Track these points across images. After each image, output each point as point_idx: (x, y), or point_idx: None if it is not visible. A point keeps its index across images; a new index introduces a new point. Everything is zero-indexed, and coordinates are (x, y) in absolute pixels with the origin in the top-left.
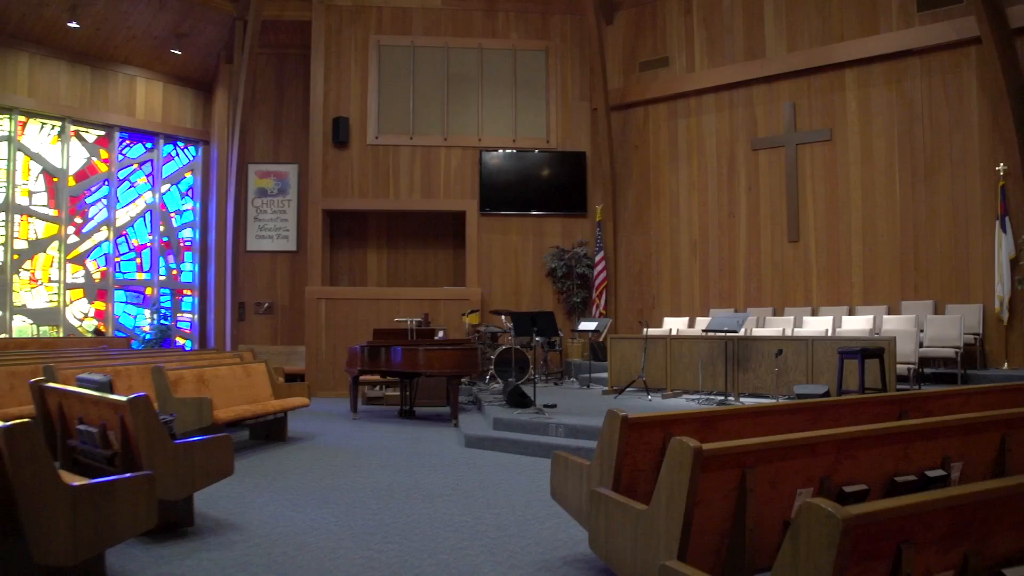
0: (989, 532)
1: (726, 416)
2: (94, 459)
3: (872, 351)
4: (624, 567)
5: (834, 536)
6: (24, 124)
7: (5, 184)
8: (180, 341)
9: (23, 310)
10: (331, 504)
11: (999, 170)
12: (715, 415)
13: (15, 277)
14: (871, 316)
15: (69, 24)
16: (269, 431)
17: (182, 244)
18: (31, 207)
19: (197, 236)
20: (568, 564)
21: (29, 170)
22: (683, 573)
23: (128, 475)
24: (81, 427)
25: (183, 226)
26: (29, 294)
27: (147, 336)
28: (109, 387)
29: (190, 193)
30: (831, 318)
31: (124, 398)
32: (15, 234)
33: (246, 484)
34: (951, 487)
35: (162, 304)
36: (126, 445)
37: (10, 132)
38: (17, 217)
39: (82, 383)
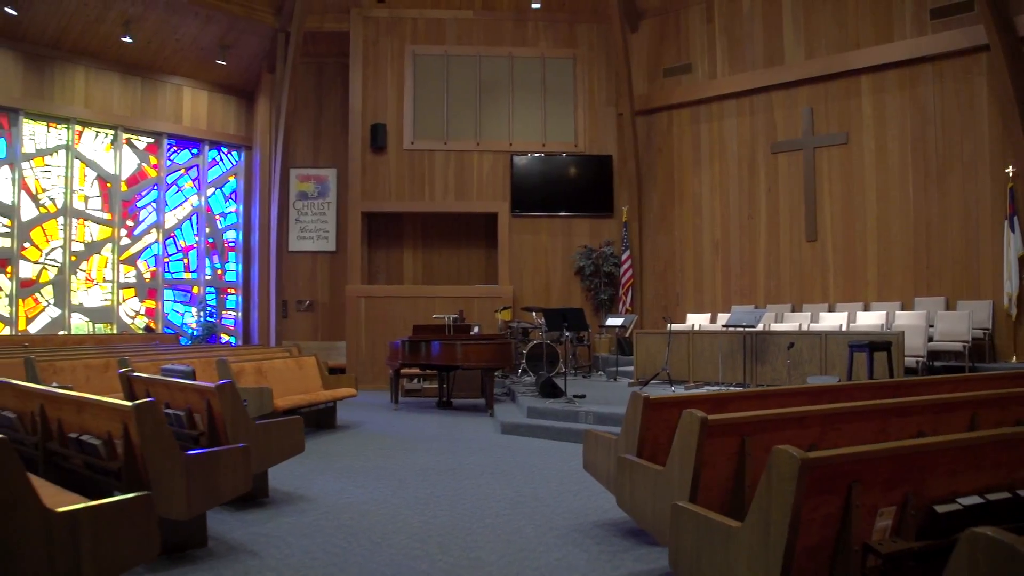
0: (924, 477)
1: (735, 398)
2: (181, 439)
3: (880, 344)
4: (645, 517)
5: (795, 471)
6: (80, 133)
7: (64, 190)
8: (224, 337)
9: (80, 308)
10: (385, 480)
11: (1008, 172)
12: (726, 397)
13: (73, 277)
14: (884, 312)
15: (123, 39)
16: (320, 419)
17: (226, 245)
18: (87, 211)
19: (240, 237)
20: (598, 527)
21: (85, 176)
22: (690, 509)
23: (228, 447)
24: (168, 411)
25: (227, 228)
26: (85, 293)
27: (194, 332)
28: (193, 376)
29: (233, 196)
30: (846, 314)
31: (212, 384)
32: (72, 236)
33: (307, 465)
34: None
35: (208, 302)
36: (212, 426)
37: (68, 141)
38: (74, 221)
39: (167, 372)
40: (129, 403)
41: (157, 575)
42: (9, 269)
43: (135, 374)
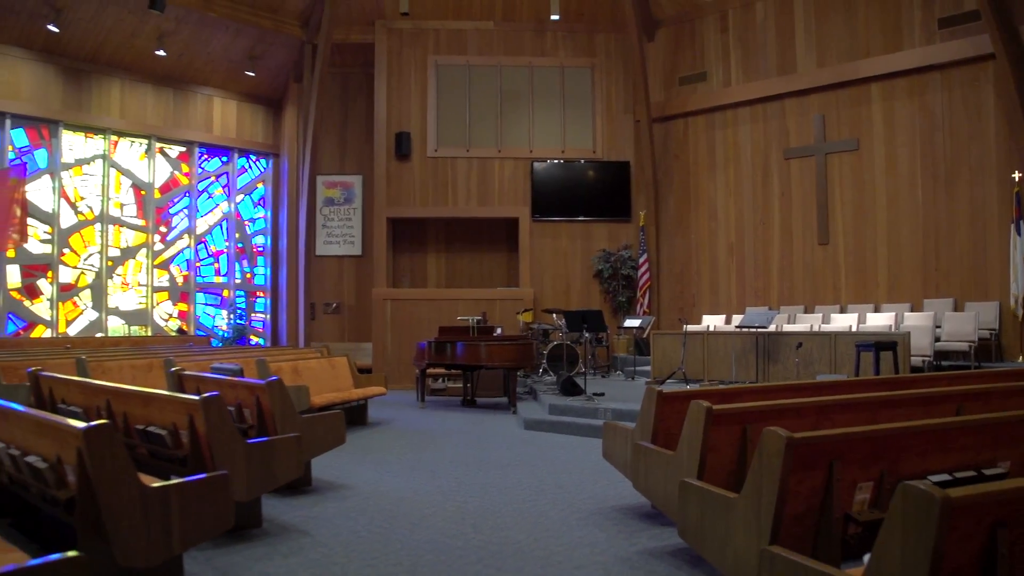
0: (898, 457)
1: (741, 392)
2: None
3: (885, 344)
4: (658, 497)
5: (781, 448)
6: (116, 143)
7: (100, 197)
8: (254, 339)
9: (116, 311)
10: (418, 471)
11: (1014, 177)
12: (733, 391)
13: (109, 281)
14: (893, 313)
15: (156, 52)
16: (352, 416)
17: (255, 249)
18: (122, 218)
19: (269, 242)
20: (617, 511)
21: (120, 184)
22: (695, 484)
23: (283, 436)
24: None
25: (256, 233)
26: (121, 296)
27: (225, 334)
28: (242, 374)
29: (262, 202)
30: (856, 315)
31: (262, 381)
32: (109, 242)
33: (344, 457)
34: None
35: (238, 305)
36: (260, 419)
37: (104, 151)
38: (111, 227)
39: (217, 371)
40: (196, 397)
41: (221, 550)
42: (50, 274)
43: (186, 372)
